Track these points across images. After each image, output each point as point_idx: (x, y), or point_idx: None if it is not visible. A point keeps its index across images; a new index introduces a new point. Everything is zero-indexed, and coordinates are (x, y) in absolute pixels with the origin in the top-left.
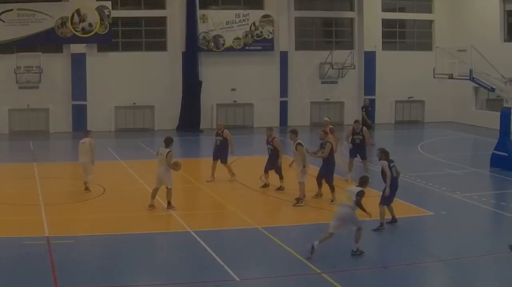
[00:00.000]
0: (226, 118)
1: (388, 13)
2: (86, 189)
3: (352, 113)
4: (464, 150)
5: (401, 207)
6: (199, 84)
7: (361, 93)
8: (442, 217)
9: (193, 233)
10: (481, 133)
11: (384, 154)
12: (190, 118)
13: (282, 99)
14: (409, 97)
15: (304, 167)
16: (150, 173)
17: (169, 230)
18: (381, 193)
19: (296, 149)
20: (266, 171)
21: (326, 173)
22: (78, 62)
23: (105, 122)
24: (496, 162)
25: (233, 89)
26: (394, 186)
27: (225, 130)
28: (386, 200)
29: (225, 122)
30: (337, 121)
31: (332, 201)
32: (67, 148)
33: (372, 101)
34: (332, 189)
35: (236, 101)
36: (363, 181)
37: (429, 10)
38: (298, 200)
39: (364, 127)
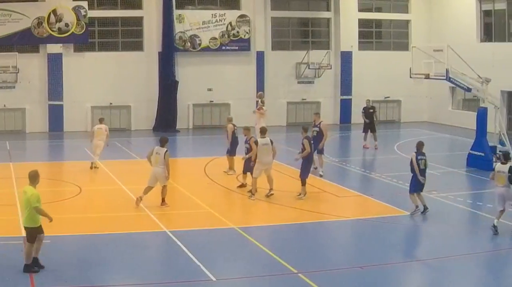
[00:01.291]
0: (202, 118)
1: (364, 13)
2: (95, 167)
3: (329, 113)
4: (441, 150)
5: (378, 207)
6: (175, 84)
7: (337, 93)
8: (418, 217)
9: (169, 233)
10: (458, 133)
11: (415, 147)
12: (166, 118)
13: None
14: (386, 97)
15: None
16: (126, 172)
17: (146, 229)
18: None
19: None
20: (244, 172)
21: (302, 169)
22: (55, 62)
23: (81, 122)
24: (473, 162)
25: (209, 89)
26: (422, 176)
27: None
28: (414, 188)
29: (202, 122)
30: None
31: (299, 195)
32: (44, 148)
33: (348, 101)
34: (303, 183)
35: (212, 101)
36: (507, 156)
37: (405, 10)
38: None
39: (322, 121)
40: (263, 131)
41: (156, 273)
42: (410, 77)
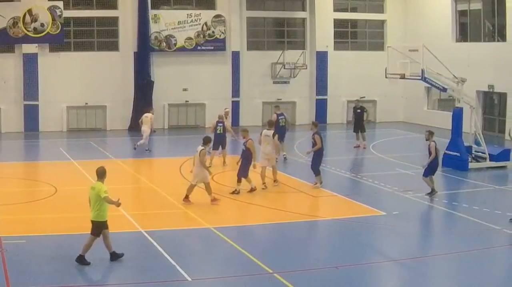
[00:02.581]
0: (178, 118)
1: (340, 13)
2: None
3: (304, 113)
4: (416, 150)
5: (353, 207)
6: (151, 84)
7: (312, 93)
8: (394, 217)
9: (145, 233)
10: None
11: (431, 135)
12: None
13: (234, 99)
14: (361, 97)
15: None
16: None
17: (121, 230)
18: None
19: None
20: (239, 176)
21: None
22: (30, 62)
23: (57, 122)
24: (448, 162)
25: (185, 89)
26: (436, 162)
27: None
28: (427, 172)
29: (177, 122)
30: (289, 121)
31: (315, 184)
32: (19, 148)
33: (324, 101)
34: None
35: (188, 101)
36: None
37: (381, 10)
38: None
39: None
40: (270, 124)
41: (131, 273)
42: (386, 77)
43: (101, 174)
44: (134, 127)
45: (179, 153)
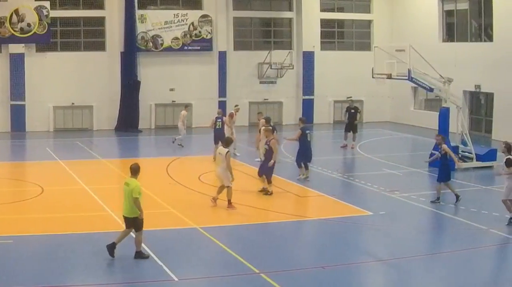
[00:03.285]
0: (164, 118)
1: (326, 13)
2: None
3: (291, 113)
4: (403, 150)
5: (340, 207)
6: (137, 84)
7: (299, 93)
8: (381, 217)
9: (131, 233)
10: (420, 133)
11: (443, 139)
12: (128, 118)
13: (221, 99)
14: (348, 97)
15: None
16: (88, 172)
17: (108, 229)
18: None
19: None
20: (260, 174)
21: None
22: (17, 62)
23: (43, 122)
24: (435, 162)
25: (171, 89)
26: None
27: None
28: (442, 178)
29: (164, 122)
30: (276, 121)
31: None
32: (6, 148)
33: (310, 101)
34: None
35: (174, 101)
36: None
37: (367, 10)
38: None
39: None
40: (268, 120)
41: (118, 273)
42: (372, 77)
43: (134, 170)
44: (121, 127)
45: (166, 153)
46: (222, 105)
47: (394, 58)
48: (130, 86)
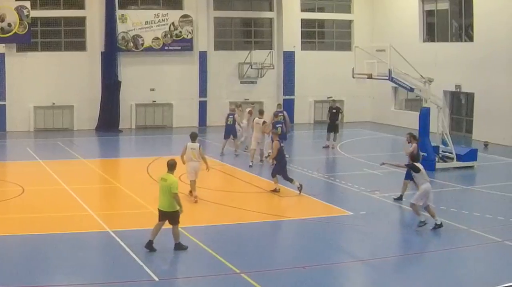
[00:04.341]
0: (145, 118)
1: (307, 13)
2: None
3: (271, 113)
4: (383, 150)
5: (320, 207)
6: (118, 84)
7: (280, 93)
8: (361, 217)
9: (112, 233)
10: (400, 133)
11: (413, 138)
12: (109, 118)
13: (201, 99)
14: (328, 97)
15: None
16: (69, 172)
17: (88, 230)
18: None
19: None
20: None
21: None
22: None
23: (24, 122)
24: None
25: (152, 89)
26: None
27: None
28: (410, 176)
29: (144, 122)
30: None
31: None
32: None
33: (291, 101)
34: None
35: (155, 101)
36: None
37: (348, 10)
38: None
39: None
40: (261, 112)
41: (99, 273)
42: (353, 77)
43: (172, 166)
44: (102, 127)
45: (146, 153)
46: (202, 105)
47: (374, 58)
48: (110, 86)
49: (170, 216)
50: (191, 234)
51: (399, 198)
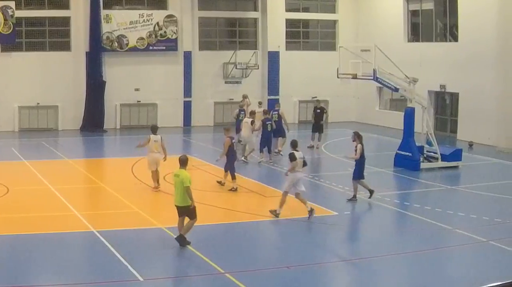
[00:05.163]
0: (130, 118)
1: (292, 13)
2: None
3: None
4: (368, 150)
5: (305, 207)
6: (102, 84)
7: (264, 93)
8: (345, 216)
9: (96, 233)
10: (385, 133)
11: (358, 137)
12: (93, 118)
13: (186, 99)
14: (313, 97)
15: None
16: (54, 172)
17: (73, 230)
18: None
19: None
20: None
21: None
22: None
23: (8, 122)
24: (400, 162)
25: (137, 89)
26: (362, 164)
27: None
28: (357, 176)
29: (129, 122)
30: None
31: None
32: None
33: (276, 101)
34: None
35: (140, 101)
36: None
37: (333, 10)
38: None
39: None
40: (252, 112)
41: (83, 273)
42: (338, 77)
43: (184, 161)
44: (86, 127)
45: (131, 153)
46: (186, 105)
47: (359, 58)
48: (95, 86)
49: (186, 210)
50: (175, 234)
51: (353, 198)
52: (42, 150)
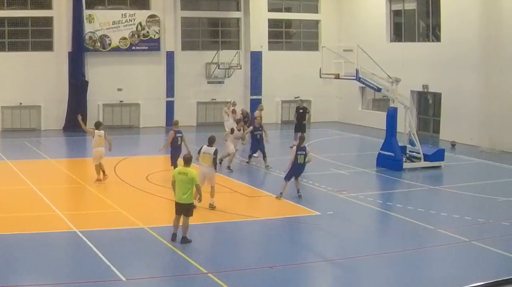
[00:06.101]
0: (112, 118)
1: (274, 13)
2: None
3: (239, 113)
4: (350, 150)
5: (288, 207)
6: (85, 84)
7: (247, 93)
8: (328, 216)
9: (79, 233)
10: (368, 133)
11: (299, 141)
12: (76, 118)
13: (169, 99)
14: (296, 97)
15: None
16: (36, 172)
17: (55, 230)
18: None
19: None
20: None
21: None
22: None
23: None
24: (382, 162)
25: (119, 89)
26: (295, 168)
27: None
28: (287, 177)
29: (112, 122)
30: (223, 121)
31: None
32: None
33: (258, 101)
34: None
35: (122, 101)
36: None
37: (315, 10)
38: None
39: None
40: (238, 121)
41: (66, 273)
42: (320, 77)
43: (188, 160)
44: (69, 127)
45: (113, 153)
46: (169, 105)
47: (341, 58)
48: (78, 86)
49: (187, 208)
50: (159, 234)
51: (279, 195)
52: (24, 150)
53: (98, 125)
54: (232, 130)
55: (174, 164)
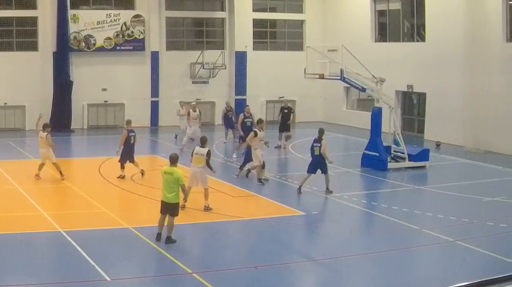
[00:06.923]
0: (97, 118)
1: (259, 13)
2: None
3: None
4: (335, 150)
5: (272, 207)
6: (70, 84)
7: (232, 93)
8: (313, 216)
9: (64, 233)
10: (352, 133)
11: (318, 134)
12: (61, 118)
13: (153, 99)
14: (280, 97)
15: None
16: (20, 172)
17: (40, 230)
18: None
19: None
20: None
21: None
22: None
23: None
24: (367, 162)
25: (104, 89)
26: (313, 160)
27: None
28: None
29: (96, 122)
30: (208, 121)
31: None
32: None
33: (243, 101)
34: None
35: (107, 101)
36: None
37: (300, 10)
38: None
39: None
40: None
41: (50, 273)
42: (305, 77)
43: (174, 159)
44: (54, 127)
45: (98, 153)
46: (154, 105)
47: (326, 58)
48: (62, 86)
49: (172, 208)
50: (143, 234)
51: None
52: (9, 150)
53: (44, 127)
54: (255, 133)
55: (123, 162)
